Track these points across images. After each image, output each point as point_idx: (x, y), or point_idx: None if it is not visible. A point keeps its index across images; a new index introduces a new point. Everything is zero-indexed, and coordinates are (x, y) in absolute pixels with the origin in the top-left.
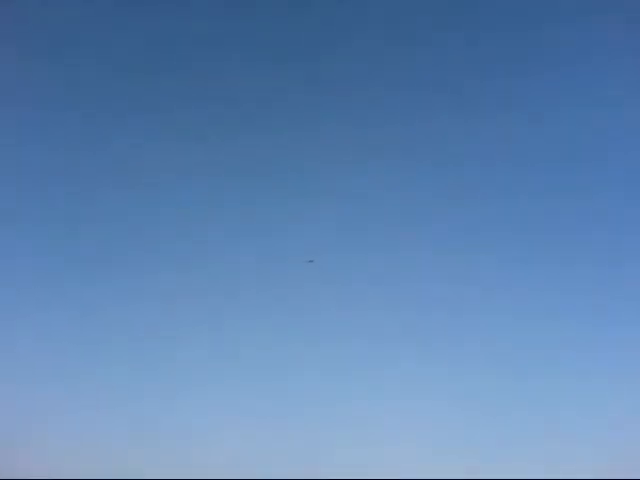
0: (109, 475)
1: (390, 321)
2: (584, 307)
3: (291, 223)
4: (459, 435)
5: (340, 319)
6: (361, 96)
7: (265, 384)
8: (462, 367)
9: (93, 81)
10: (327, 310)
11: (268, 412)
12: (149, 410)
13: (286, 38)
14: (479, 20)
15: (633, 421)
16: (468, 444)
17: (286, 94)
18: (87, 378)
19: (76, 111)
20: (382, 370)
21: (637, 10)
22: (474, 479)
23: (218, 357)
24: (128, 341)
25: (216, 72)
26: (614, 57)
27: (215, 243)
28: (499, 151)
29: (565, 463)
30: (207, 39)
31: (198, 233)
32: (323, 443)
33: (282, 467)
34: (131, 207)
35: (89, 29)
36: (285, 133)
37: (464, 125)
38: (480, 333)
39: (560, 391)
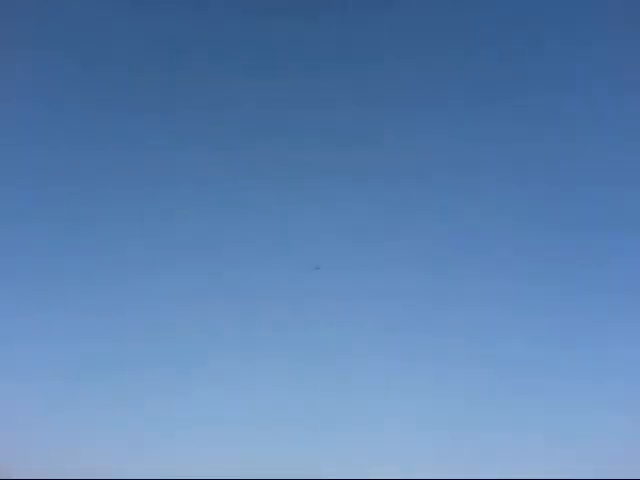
0: (109, 475)
1: (394, 325)
2: (588, 303)
3: (296, 228)
4: (459, 435)
5: (344, 320)
6: (373, 98)
7: (265, 385)
8: (466, 370)
9: (95, 81)
10: (332, 312)
11: (269, 412)
12: (149, 410)
13: (291, 41)
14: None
15: (634, 421)
16: (468, 444)
17: (291, 98)
18: (87, 378)
19: (78, 111)
20: (383, 371)
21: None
22: (474, 479)
23: (220, 359)
24: (129, 342)
25: (219, 73)
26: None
27: (217, 245)
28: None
29: (565, 463)
30: (210, 40)
31: (200, 236)
32: (323, 443)
33: (282, 467)
34: (134, 208)
35: (91, 28)
36: (289, 137)
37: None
38: (488, 337)
39: (561, 390)
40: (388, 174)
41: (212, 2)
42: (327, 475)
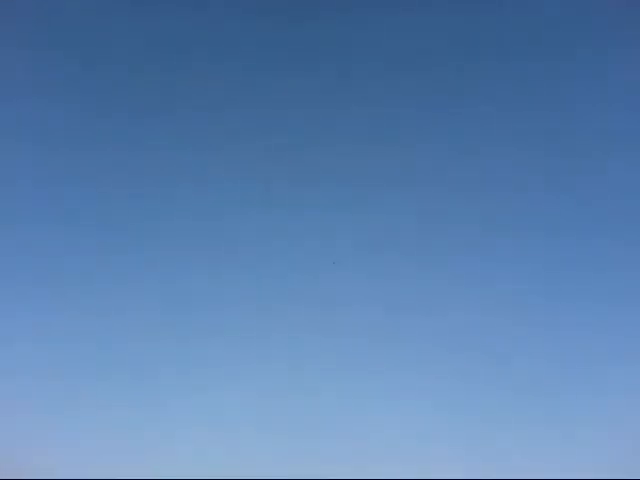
0: (109, 475)
1: (401, 323)
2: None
3: (299, 231)
4: (459, 435)
5: (353, 320)
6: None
7: (266, 386)
8: (467, 371)
9: (95, 81)
10: (336, 317)
11: (269, 413)
12: (150, 411)
13: (292, 41)
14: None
15: (634, 421)
16: (468, 443)
17: (293, 98)
18: (88, 378)
19: (78, 111)
20: (385, 371)
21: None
22: (474, 479)
23: (220, 360)
24: (130, 342)
25: (220, 74)
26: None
27: (217, 247)
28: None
29: (565, 463)
30: (210, 40)
31: (200, 237)
32: (323, 443)
33: (282, 468)
34: (134, 208)
35: (91, 28)
36: (290, 138)
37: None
38: (490, 339)
39: (561, 390)
40: (392, 177)
41: (212, 2)
42: (328, 475)
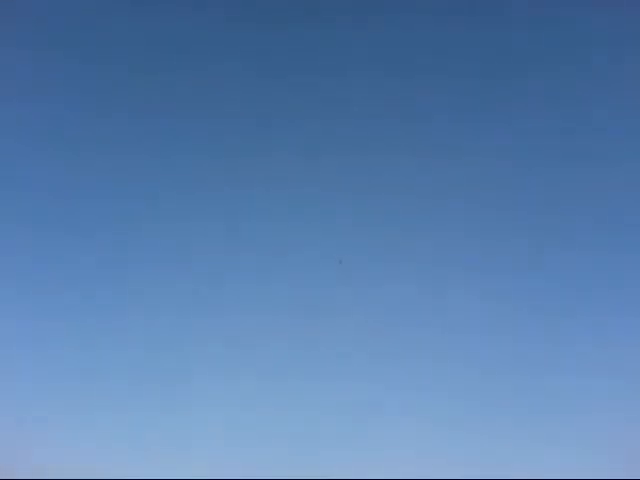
0: (109, 475)
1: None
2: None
3: (298, 237)
4: (459, 434)
5: (357, 319)
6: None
7: (267, 388)
8: (467, 371)
9: (95, 81)
10: (331, 326)
11: (269, 413)
12: (149, 411)
13: (295, 42)
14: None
15: (634, 420)
16: (468, 443)
17: (295, 100)
18: (88, 380)
19: (78, 112)
20: (385, 369)
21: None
22: (474, 479)
23: (223, 359)
24: (130, 345)
25: (220, 74)
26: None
27: (225, 251)
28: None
29: (565, 463)
30: (212, 41)
31: (207, 240)
32: (323, 444)
33: (281, 467)
34: (134, 210)
35: (93, 28)
36: (292, 142)
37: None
38: (491, 340)
39: (561, 389)
40: (393, 178)
41: (212, 2)
42: (327, 475)
